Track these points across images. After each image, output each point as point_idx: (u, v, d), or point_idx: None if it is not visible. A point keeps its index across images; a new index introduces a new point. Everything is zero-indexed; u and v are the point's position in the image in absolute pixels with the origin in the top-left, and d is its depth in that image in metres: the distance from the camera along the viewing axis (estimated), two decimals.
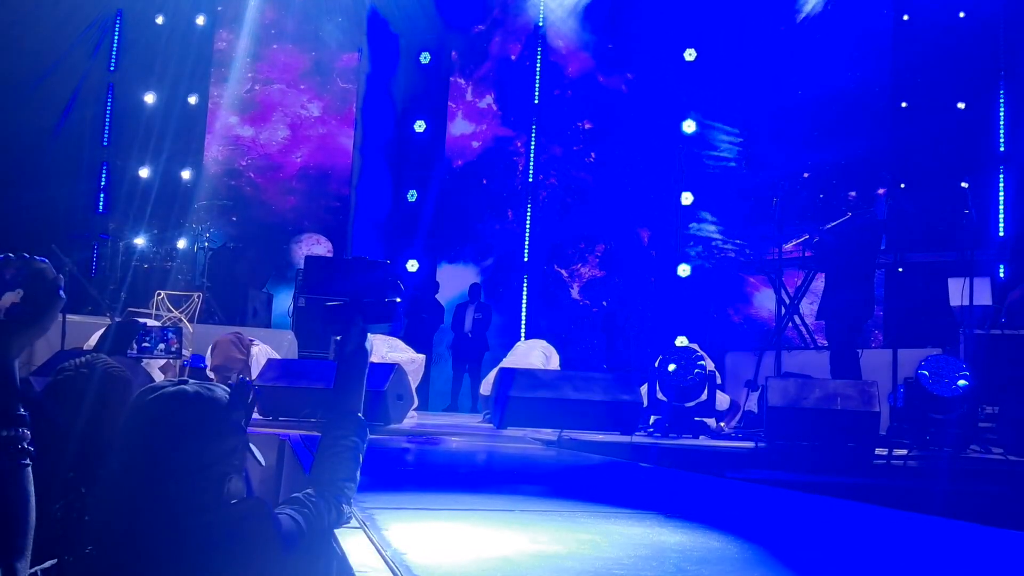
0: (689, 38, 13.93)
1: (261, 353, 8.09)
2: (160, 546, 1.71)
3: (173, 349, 6.74)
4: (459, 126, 15.32)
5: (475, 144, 15.31)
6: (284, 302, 12.40)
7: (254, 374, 7.62)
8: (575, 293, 14.81)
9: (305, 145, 15.21)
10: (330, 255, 14.50)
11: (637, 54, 14.28)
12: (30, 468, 1.69)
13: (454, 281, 14.21)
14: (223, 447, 1.83)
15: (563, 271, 14.88)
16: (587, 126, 15.04)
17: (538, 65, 15.01)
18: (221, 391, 1.90)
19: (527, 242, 14.74)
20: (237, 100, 14.66)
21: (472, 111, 15.44)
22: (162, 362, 6.94)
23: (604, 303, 14.03)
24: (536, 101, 15.01)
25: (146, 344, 6.55)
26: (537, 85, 15.01)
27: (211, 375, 7.80)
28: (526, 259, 14.70)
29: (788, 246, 8.93)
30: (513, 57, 15.19)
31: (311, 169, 15.08)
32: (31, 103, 11.53)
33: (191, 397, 1.83)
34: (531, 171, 14.88)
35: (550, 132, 14.98)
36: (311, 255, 13.34)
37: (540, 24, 14.95)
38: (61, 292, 1.74)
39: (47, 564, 1.78)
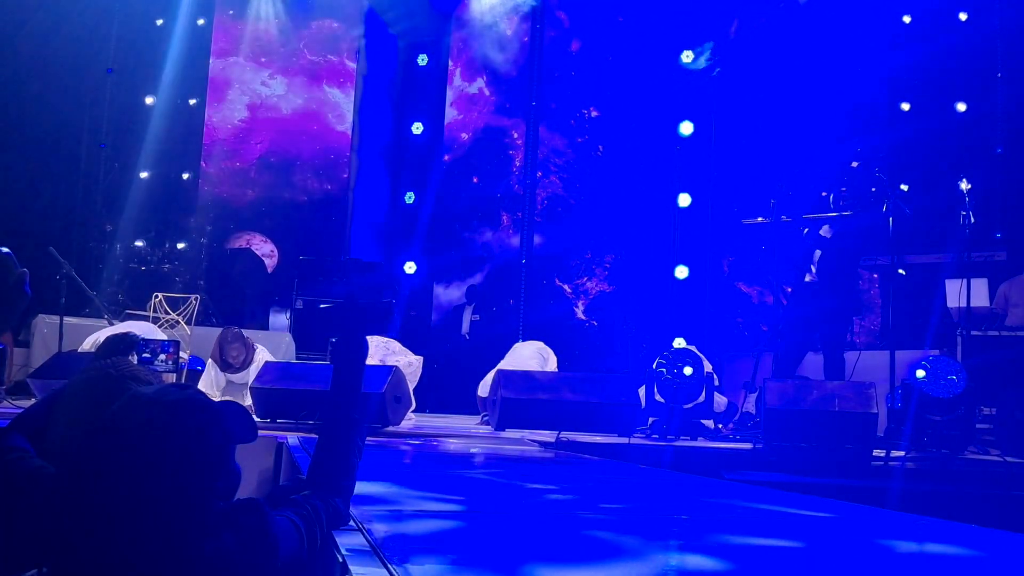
0: (686, 39, 13.47)
1: (262, 355, 8.10)
2: (153, 551, 1.69)
3: (171, 362, 6.82)
4: (446, 115, 13.36)
5: (464, 136, 13.36)
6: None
7: (252, 374, 7.62)
8: (580, 312, 13.03)
9: (267, 130, 13.27)
10: (272, 258, 13.11)
11: (639, 41, 12.86)
12: None
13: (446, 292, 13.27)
14: (210, 449, 1.80)
15: (566, 286, 12.99)
16: (594, 114, 13.13)
17: (537, 42, 12.99)
18: (202, 394, 1.88)
19: (524, 253, 12.85)
20: (188, 79, 13.04)
21: (461, 98, 13.37)
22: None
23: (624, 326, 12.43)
24: (534, 85, 13.06)
25: (146, 355, 6.63)
26: (535, 66, 13.08)
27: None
28: (522, 276, 12.78)
29: (755, 220, 8.84)
30: (508, 33, 13.18)
31: (274, 156, 13.23)
32: (30, 105, 11.53)
33: (173, 400, 1.79)
34: (529, 167, 13.02)
35: (551, 121, 13.18)
36: (304, 258, 13.18)
37: None
38: (27, 288, 1.64)
39: (29, 573, 1.76)
